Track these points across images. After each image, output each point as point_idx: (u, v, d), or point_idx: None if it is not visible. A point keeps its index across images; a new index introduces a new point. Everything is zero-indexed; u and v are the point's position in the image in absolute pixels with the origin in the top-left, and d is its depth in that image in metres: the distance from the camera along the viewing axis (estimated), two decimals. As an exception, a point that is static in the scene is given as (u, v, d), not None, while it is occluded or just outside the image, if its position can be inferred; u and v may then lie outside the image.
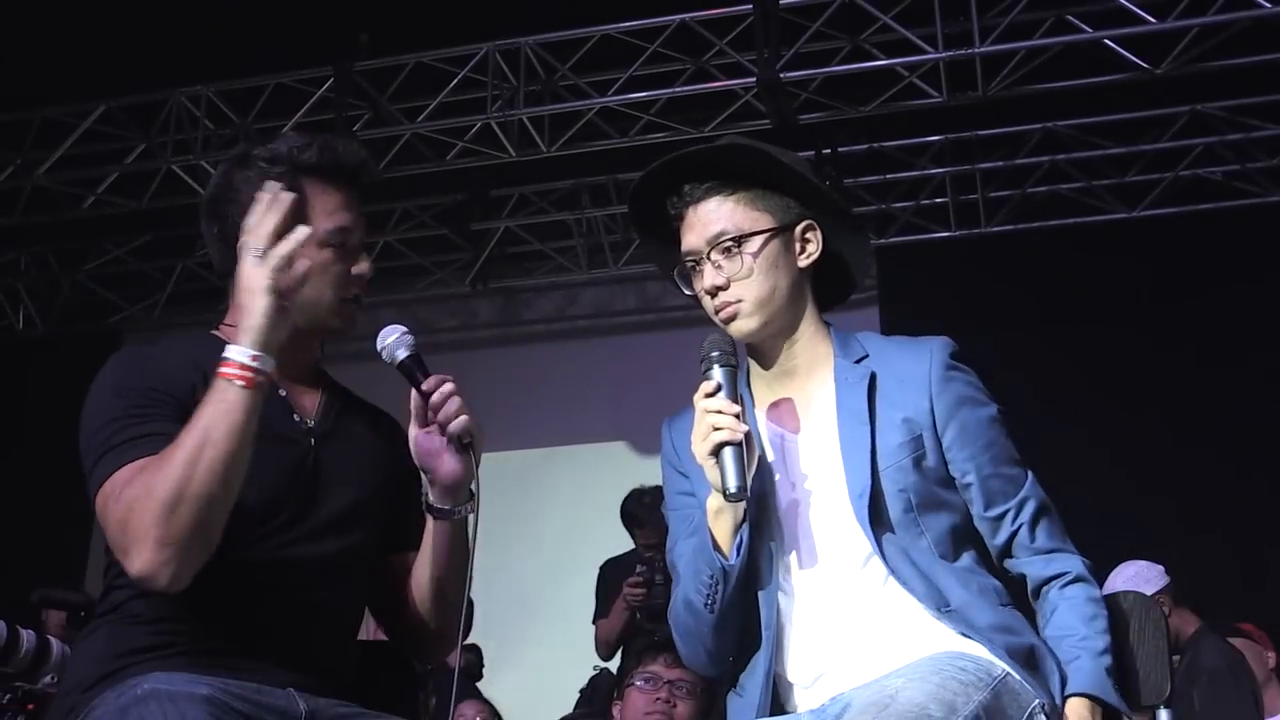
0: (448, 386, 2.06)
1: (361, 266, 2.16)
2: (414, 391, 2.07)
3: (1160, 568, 5.08)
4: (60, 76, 6.70)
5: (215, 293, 8.32)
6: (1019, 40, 6.17)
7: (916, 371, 2.09)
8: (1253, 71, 6.37)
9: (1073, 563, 2.06)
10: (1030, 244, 7.30)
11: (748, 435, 1.98)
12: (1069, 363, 6.70)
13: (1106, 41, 6.10)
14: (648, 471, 6.72)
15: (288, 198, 1.98)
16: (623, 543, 5.59)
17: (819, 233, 2.15)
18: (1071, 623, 2.01)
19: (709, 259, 2.12)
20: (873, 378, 2.10)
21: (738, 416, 1.98)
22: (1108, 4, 6.09)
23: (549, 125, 6.85)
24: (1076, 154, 7.28)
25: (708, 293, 2.14)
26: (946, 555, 2.03)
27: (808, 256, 2.14)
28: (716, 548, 2.01)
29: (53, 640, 3.36)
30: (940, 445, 2.07)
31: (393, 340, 2.10)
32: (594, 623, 5.51)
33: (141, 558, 1.83)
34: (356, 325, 2.19)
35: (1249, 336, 6.73)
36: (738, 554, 2.00)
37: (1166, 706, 2.05)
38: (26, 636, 3.32)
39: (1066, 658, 1.99)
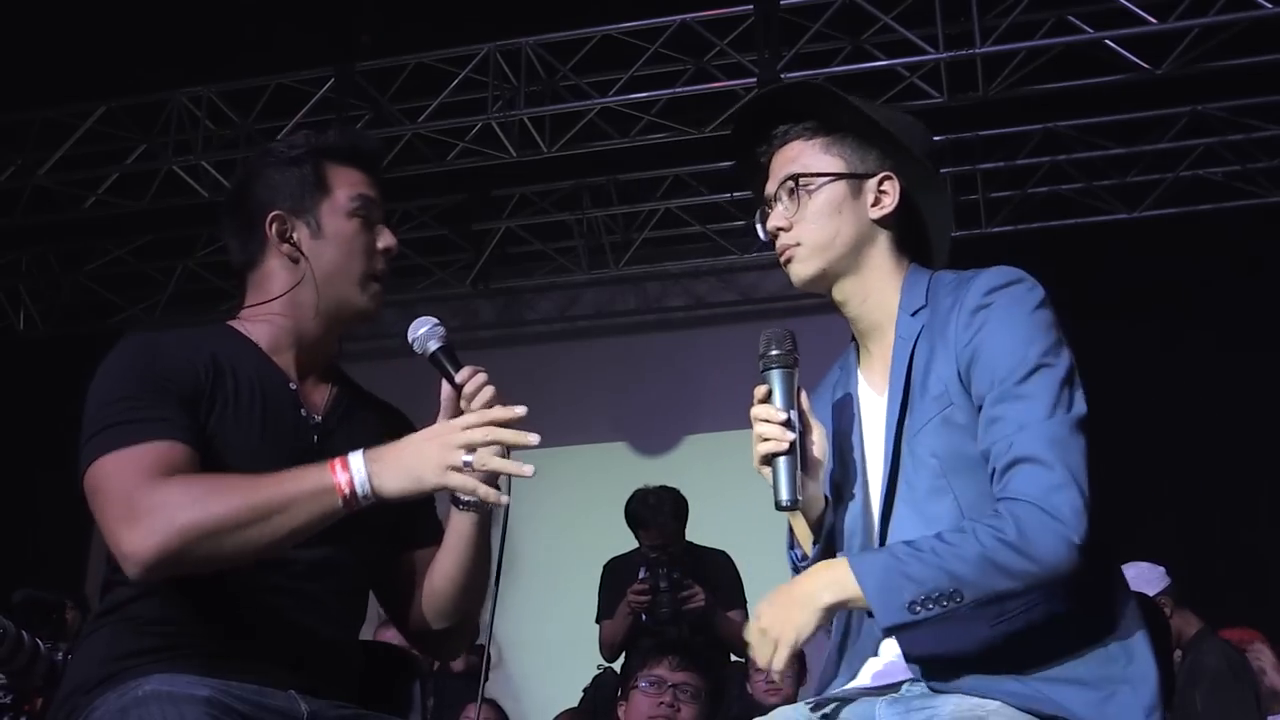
0: (480, 377, 2.06)
1: (386, 240, 2.18)
2: (445, 383, 2.06)
3: (1161, 569, 5.09)
4: (61, 77, 6.70)
5: (216, 293, 8.33)
6: (1020, 41, 6.17)
7: (950, 318, 1.95)
8: (1253, 72, 6.36)
9: (1007, 506, 1.79)
10: (1031, 244, 7.29)
11: (801, 440, 1.93)
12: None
13: (1107, 42, 6.09)
14: (649, 471, 6.74)
15: (519, 411, 1.95)
16: (624, 542, 5.59)
17: (896, 185, 2.07)
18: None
19: (777, 199, 2.09)
20: (920, 331, 1.99)
21: (787, 424, 1.91)
22: (1108, 4, 6.08)
23: (550, 125, 6.85)
24: (1077, 154, 7.27)
25: (771, 235, 2.10)
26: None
27: (881, 209, 2.06)
28: (794, 544, 2.01)
29: (40, 642, 3.34)
30: (969, 393, 1.91)
31: (424, 332, 2.10)
32: (597, 622, 5.51)
33: (145, 541, 1.84)
34: (379, 317, 2.22)
35: (1250, 336, 6.73)
36: (815, 555, 1.99)
37: (1168, 707, 2.04)
38: (28, 638, 3.31)
39: None
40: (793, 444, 1.91)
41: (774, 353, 1.95)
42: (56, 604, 4.03)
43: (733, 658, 5.28)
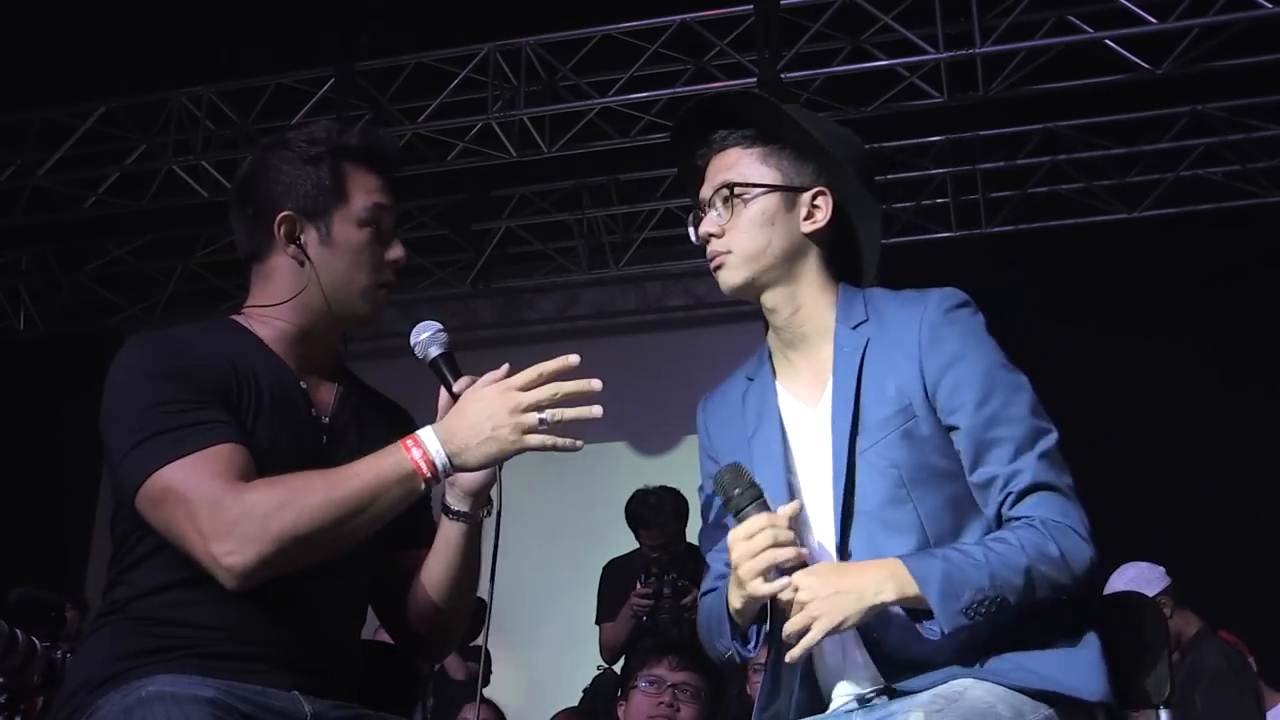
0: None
1: (396, 252, 2.16)
2: (443, 391, 2.05)
3: (1161, 569, 5.08)
4: (61, 77, 6.70)
5: (216, 294, 8.32)
6: (1020, 41, 6.17)
7: (908, 331, 1.99)
8: (1254, 72, 6.36)
9: (1037, 520, 1.88)
10: (1031, 244, 7.30)
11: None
12: (1069, 363, 6.69)
13: (1107, 42, 6.10)
14: (649, 471, 6.74)
15: (573, 360, 1.96)
16: (624, 542, 5.59)
17: (829, 200, 2.09)
18: (974, 542, 1.89)
19: (711, 205, 2.11)
20: (867, 344, 2.02)
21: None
22: (1109, 4, 6.08)
23: (550, 125, 6.85)
24: (1077, 154, 7.27)
25: (702, 240, 2.11)
26: (943, 533, 1.93)
27: (813, 223, 2.09)
28: (735, 632, 2.00)
29: (36, 641, 3.32)
30: (934, 409, 1.96)
31: (426, 337, 2.09)
32: (597, 624, 5.51)
33: (241, 554, 1.84)
34: (380, 317, 2.20)
35: (1250, 337, 6.72)
36: (756, 646, 2.00)
37: (1167, 707, 2.04)
38: (23, 636, 3.29)
39: None
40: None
41: (737, 492, 1.90)
42: (54, 602, 4.01)
43: None
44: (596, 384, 1.94)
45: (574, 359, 1.95)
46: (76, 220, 7.58)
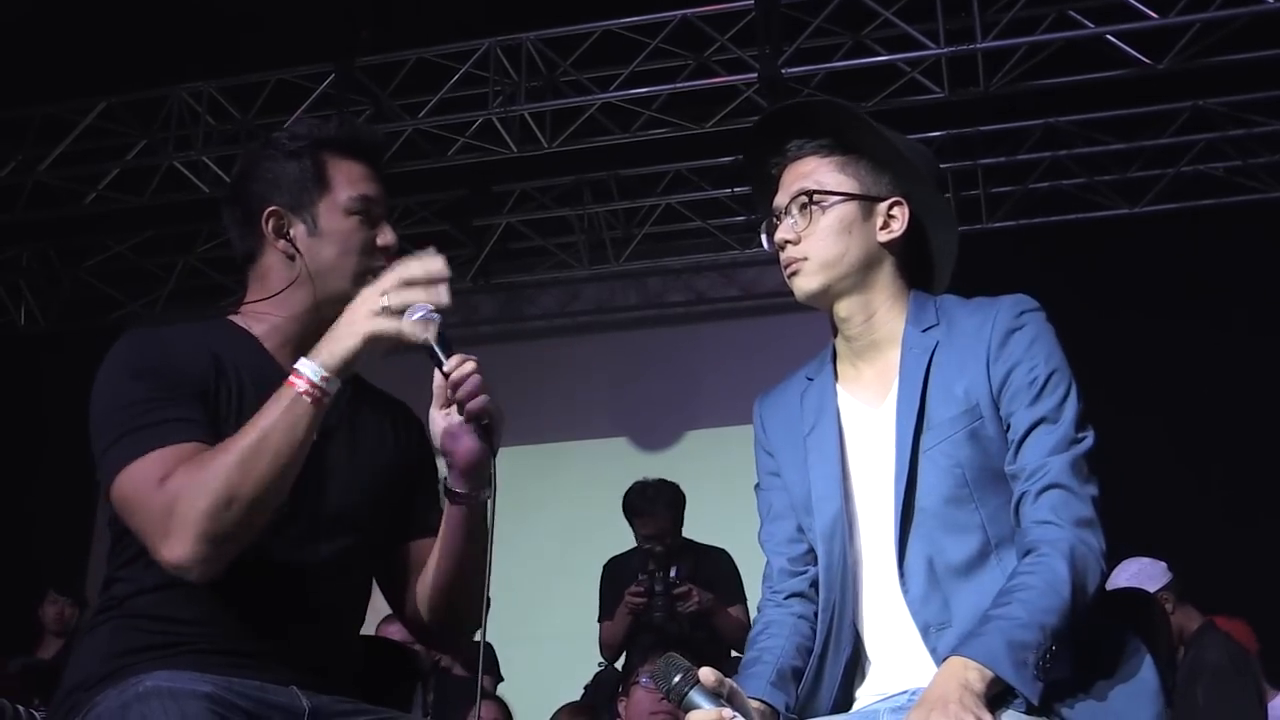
0: (468, 366, 2.02)
1: (386, 237, 2.16)
2: (436, 371, 2.04)
3: (1163, 565, 5.08)
4: (61, 73, 6.70)
5: (217, 289, 8.34)
6: (1020, 36, 6.17)
7: (979, 336, 2.01)
8: (1255, 67, 6.36)
9: (1053, 534, 1.88)
10: (1031, 240, 7.30)
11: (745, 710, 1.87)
12: (1070, 358, 6.69)
13: (1108, 37, 6.10)
14: (650, 466, 6.74)
15: (438, 261, 1.96)
16: (626, 538, 5.59)
17: (906, 211, 2.11)
18: (1000, 596, 1.85)
19: (787, 212, 2.12)
20: (936, 346, 2.04)
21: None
22: (1109, -1, 6.09)
23: (550, 121, 6.85)
24: (1078, 150, 7.27)
25: (779, 246, 2.12)
26: (1004, 536, 1.95)
27: (889, 233, 2.10)
28: None
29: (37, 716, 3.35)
30: (999, 411, 1.98)
31: (416, 319, 2.09)
32: (599, 622, 5.52)
33: (181, 548, 1.83)
34: None
35: (1251, 332, 6.72)
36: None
37: (1168, 703, 2.04)
38: (25, 711, 3.32)
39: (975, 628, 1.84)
40: None
41: (677, 679, 1.81)
42: (51, 668, 4.05)
43: (733, 654, 5.28)
44: (437, 262, 1.95)
45: (428, 255, 1.96)
46: (77, 216, 7.60)
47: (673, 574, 5.19)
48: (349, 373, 1.94)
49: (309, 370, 1.90)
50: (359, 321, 1.92)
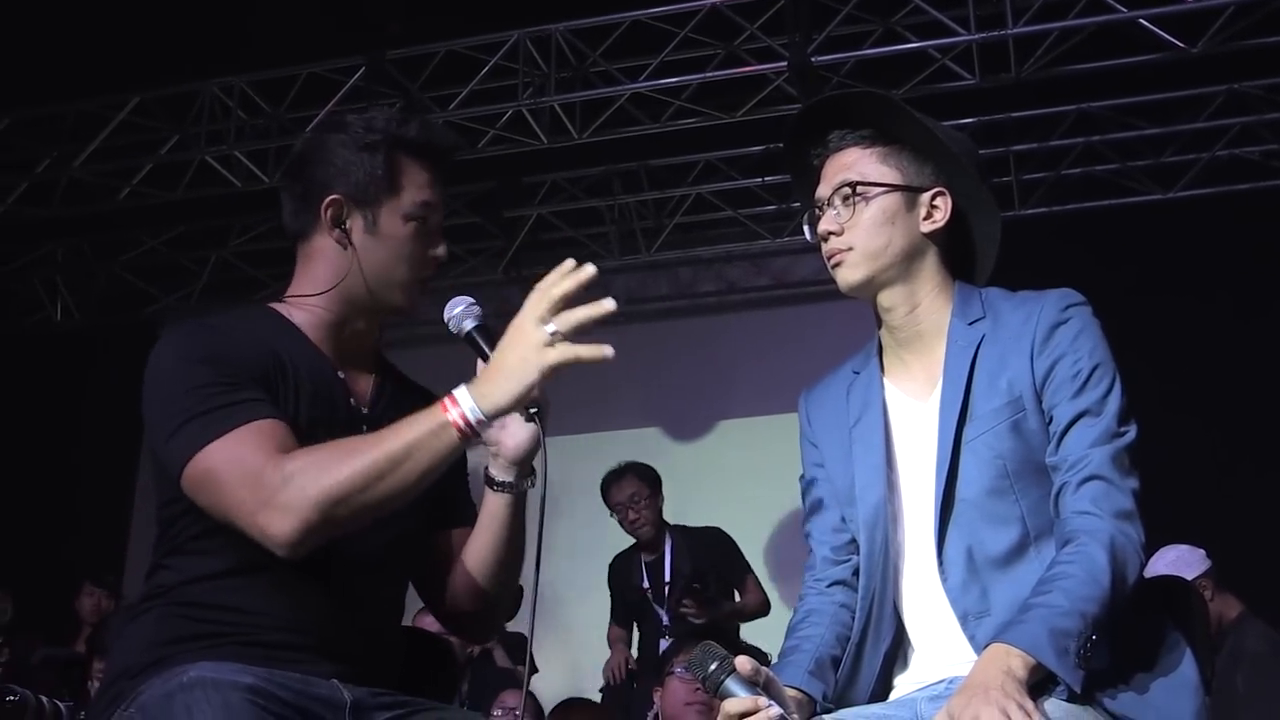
0: None
1: (439, 250, 2.16)
2: (480, 362, 2.03)
3: (1201, 551, 5.05)
4: (94, 70, 6.74)
5: (250, 283, 8.37)
6: (1052, 21, 6.11)
7: (1025, 329, 2.02)
8: (1290, 50, 6.29)
9: (1093, 525, 1.88)
10: (1064, 227, 7.25)
11: (782, 699, 1.89)
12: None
13: (1141, 21, 6.03)
14: (682, 456, 6.75)
15: (588, 271, 1.92)
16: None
17: (948, 201, 2.12)
18: (1041, 585, 1.85)
19: (830, 204, 2.12)
20: (981, 339, 2.05)
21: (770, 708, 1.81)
22: (1142, -17, 6.03)
23: (580, 112, 6.84)
24: (1111, 135, 7.22)
25: (821, 238, 2.13)
26: (1043, 528, 1.95)
27: (932, 223, 2.11)
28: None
29: (61, 706, 3.37)
30: (1042, 404, 1.99)
31: (459, 311, 2.08)
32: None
33: (286, 522, 1.83)
34: (418, 309, 2.20)
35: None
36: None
37: (1208, 691, 2.03)
38: (49, 703, 3.34)
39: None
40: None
41: (713, 668, 1.82)
42: (74, 660, 4.07)
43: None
44: (590, 269, 1.92)
45: (568, 264, 1.93)
46: (111, 211, 7.64)
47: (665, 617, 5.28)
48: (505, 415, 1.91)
49: (467, 407, 1.87)
50: (531, 358, 1.85)
